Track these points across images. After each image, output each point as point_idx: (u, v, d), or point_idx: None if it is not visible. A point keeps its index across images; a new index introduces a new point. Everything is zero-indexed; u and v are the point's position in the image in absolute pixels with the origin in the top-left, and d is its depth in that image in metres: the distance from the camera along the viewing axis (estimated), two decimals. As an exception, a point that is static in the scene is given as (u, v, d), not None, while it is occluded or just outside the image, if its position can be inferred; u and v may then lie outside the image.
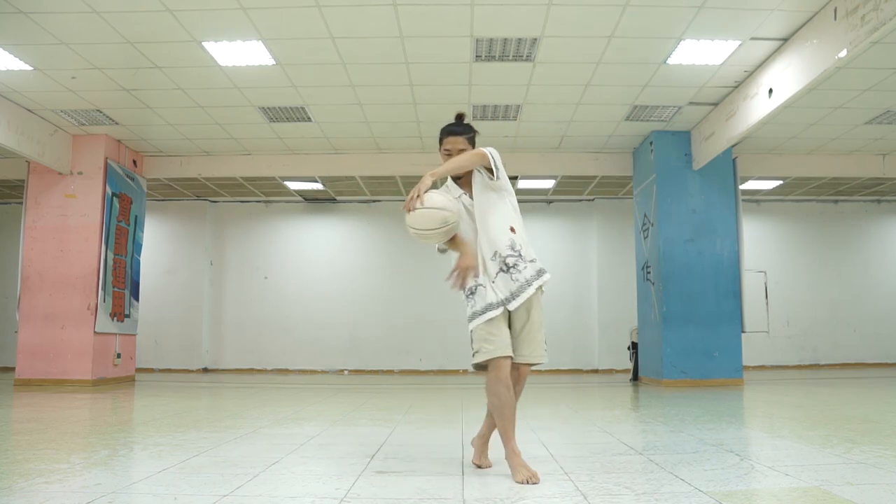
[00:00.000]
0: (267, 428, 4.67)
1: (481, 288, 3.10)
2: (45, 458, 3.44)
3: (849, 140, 9.23)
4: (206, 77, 7.21)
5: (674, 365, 8.68)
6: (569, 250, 12.77)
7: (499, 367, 3.01)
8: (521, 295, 3.09)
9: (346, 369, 12.50)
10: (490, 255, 3.11)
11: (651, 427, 4.74)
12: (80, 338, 8.80)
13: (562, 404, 6.43)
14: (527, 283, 3.10)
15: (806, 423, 4.74)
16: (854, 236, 12.98)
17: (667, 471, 3.05)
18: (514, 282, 3.08)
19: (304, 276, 12.81)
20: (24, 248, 9.07)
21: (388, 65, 6.93)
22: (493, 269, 3.10)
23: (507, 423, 3.02)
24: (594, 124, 8.82)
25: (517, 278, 3.09)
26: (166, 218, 12.75)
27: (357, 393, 8.05)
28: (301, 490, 2.75)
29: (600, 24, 6.09)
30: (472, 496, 2.61)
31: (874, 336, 12.69)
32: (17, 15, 5.82)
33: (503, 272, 3.09)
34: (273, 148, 9.80)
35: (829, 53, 5.62)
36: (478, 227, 3.14)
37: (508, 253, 3.11)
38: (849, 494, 2.54)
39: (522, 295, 3.09)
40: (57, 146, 8.88)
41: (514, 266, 3.10)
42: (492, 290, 3.08)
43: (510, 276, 3.09)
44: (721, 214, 8.99)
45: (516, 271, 3.09)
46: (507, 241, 3.12)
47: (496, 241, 3.12)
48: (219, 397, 7.75)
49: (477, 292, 3.11)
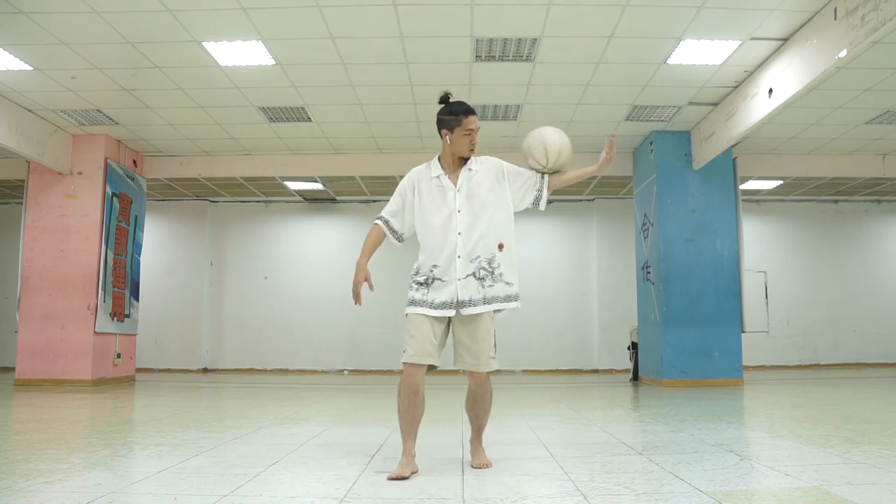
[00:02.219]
0: (267, 428, 4.67)
1: (437, 282, 3.09)
2: (45, 458, 3.44)
3: (849, 140, 9.23)
4: (206, 77, 7.20)
5: (674, 365, 8.68)
6: (569, 250, 12.77)
7: (408, 372, 3.05)
8: (477, 307, 3.07)
9: (346, 369, 12.50)
10: (469, 255, 3.09)
11: (651, 427, 4.74)
12: (80, 338, 8.80)
13: (562, 404, 6.43)
14: (487, 300, 3.07)
15: (806, 423, 4.74)
16: (854, 236, 12.98)
17: (667, 471, 3.05)
18: (477, 293, 3.07)
19: (304, 276, 12.80)
20: (24, 248, 9.07)
21: (388, 65, 6.93)
22: (465, 270, 3.08)
23: (403, 426, 3.07)
24: (594, 124, 8.82)
25: (481, 292, 3.07)
26: (166, 218, 12.74)
27: (357, 393, 8.05)
28: (301, 490, 2.75)
29: (600, 24, 6.08)
30: (472, 496, 2.61)
31: (874, 336, 12.68)
32: (17, 15, 5.82)
33: (474, 278, 3.08)
34: (273, 148, 9.80)
35: (829, 53, 5.62)
36: (464, 219, 3.11)
37: (484, 266, 3.09)
38: (849, 494, 2.54)
39: (478, 308, 3.07)
40: (57, 146, 8.88)
41: (483, 280, 3.08)
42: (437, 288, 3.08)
43: (477, 286, 3.07)
44: (721, 214, 8.98)
45: (481, 286, 3.08)
46: (490, 255, 3.10)
47: (479, 247, 3.09)
48: (219, 397, 7.75)
49: (430, 285, 3.10)
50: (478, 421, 3.25)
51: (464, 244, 3.09)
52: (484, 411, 3.23)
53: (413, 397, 3.05)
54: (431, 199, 3.18)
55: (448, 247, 3.10)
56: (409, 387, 3.04)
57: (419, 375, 3.04)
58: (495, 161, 3.30)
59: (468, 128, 3.14)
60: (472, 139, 3.16)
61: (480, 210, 3.14)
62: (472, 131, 3.15)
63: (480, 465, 3.18)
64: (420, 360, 3.03)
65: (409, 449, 3.06)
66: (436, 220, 3.14)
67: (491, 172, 3.23)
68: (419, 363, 3.03)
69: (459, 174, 3.19)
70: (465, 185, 3.17)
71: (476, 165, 3.23)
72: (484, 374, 3.13)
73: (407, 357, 3.05)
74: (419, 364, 3.03)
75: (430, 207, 3.17)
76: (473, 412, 3.24)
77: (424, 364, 3.04)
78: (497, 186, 3.20)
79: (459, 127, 3.14)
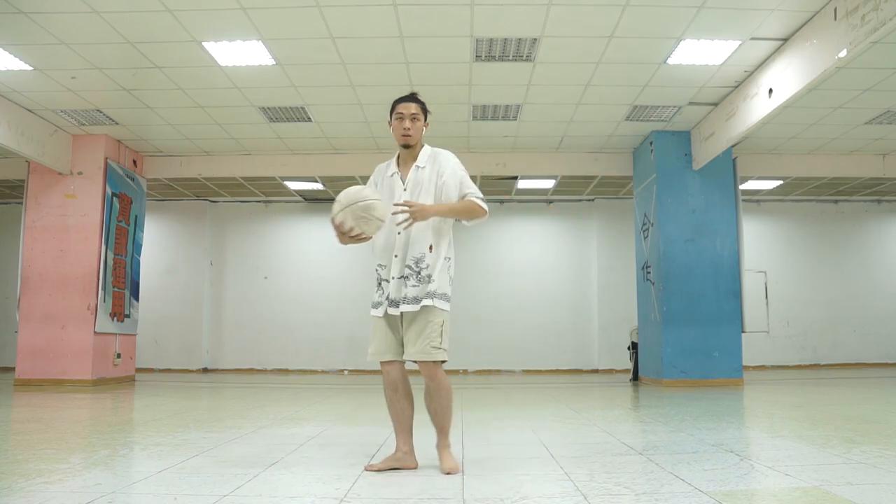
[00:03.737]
0: (267, 428, 4.67)
1: (384, 283, 3.14)
2: (45, 458, 3.44)
3: (849, 140, 9.23)
4: (206, 77, 7.20)
5: (674, 365, 8.68)
6: (569, 250, 12.77)
7: (384, 371, 3.16)
8: (402, 306, 3.07)
9: (346, 369, 12.49)
10: (403, 256, 3.09)
11: (651, 427, 4.74)
12: (80, 338, 8.80)
13: (562, 404, 6.43)
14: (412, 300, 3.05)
15: (806, 423, 4.74)
16: (854, 236, 12.98)
17: (667, 471, 3.05)
18: (401, 293, 3.07)
19: (304, 276, 12.80)
20: (24, 248, 9.07)
21: (388, 65, 6.93)
22: (398, 270, 3.08)
23: (392, 423, 3.18)
24: (594, 124, 8.82)
25: (404, 292, 3.06)
26: (166, 218, 12.74)
27: (357, 393, 8.05)
28: (301, 490, 2.75)
29: (600, 24, 6.08)
30: (472, 496, 2.61)
31: (874, 336, 12.68)
32: (17, 15, 5.82)
33: (401, 278, 3.08)
34: (273, 148, 9.80)
35: (829, 53, 5.62)
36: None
37: (410, 264, 3.07)
38: (849, 494, 2.54)
39: (403, 306, 3.07)
40: (57, 146, 8.88)
41: (406, 278, 3.08)
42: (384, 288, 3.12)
43: (401, 285, 3.08)
44: (721, 214, 8.98)
45: (404, 286, 3.07)
46: (418, 255, 3.08)
47: (414, 248, 3.07)
48: (219, 397, 7.75)
49: (379, 285, 3.17)
50: (437, 420, 3.14)
51: (401, 244, 3.09)
52: (441, 409, 3.11)
53: (393, 394, 3.16)
54: (384, 196, 3.14)
55: (389, 246, 3.13)
56: (387, 384, 3.17)
57: (394, 373, 3.15)
58: (445, 158, 3.20)
59: (398, 112, 3.14)
60: (402, 125, 3.12)
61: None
62: (403, 115, 3.12)
63: (448, 469, 3.02)
64: (379, 358, 3.15)
65: (399, 444, 3.12)
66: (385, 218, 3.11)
67: (435, 170, 3.16)
68: (380, 360, 3.15)
69: (409, 172, 3.17)
70: (411, 184, 3.15)
71: (425, 162, 3.18)
72: (431, 365, 3.07)
73: (369, 356, 3.19)
74: (385, 361, 3.14)
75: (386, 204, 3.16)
76: (430, 410, 3.14)
77: (388, 360, 3.13)
78: (437, 185, 3.13)
79: (393, 114, 3.17)
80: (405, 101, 3.16)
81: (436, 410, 3.14)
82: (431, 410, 3.15)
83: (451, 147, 3.77)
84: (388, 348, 3.12)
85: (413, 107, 3.15)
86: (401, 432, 3.14)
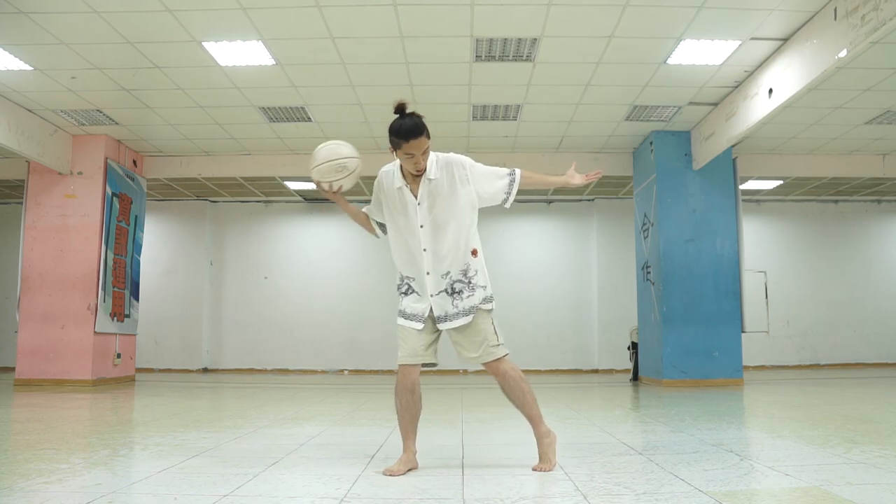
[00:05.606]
0: (267, 428, 4.67)
1: (414, 294, 3.11)
2: (45, 458, 3.44)
3: (849, 140, 9.23)
4: (206, 77, 7.20)
5: (674, 365, 8.68)
6: (569, 250, 12.77)
7: (403, 373, 3.11)
8: (455, 321, 3.06)
9: (346, 369, 12.50)
10: (439, 271, 3.05)
11: (651, 427, 4.74)
12: (80, 338, 8.80)
13: (562, 404, 6.42)
14: (465, 311, 3.05)
15: (806, 423, 4.74)
16: (854, 236, 12.98)
17: (667, 471, 3.05)
18: (453, 307, 3.05)
19: (304, 276, 12.81)
20: (24, 248, 9.07)
21: (388, 65, 6.93)
22: (436, 286, 3.05)
23: (403, 425, 3.14)
24: (594, 124, 8.82)
25: (458, 305, 3.05)
26: (166, 218, 12.74)
27: (357, 393, 8.05)
28: (301, 490, 2.75)
29: (600, 24, 6.08)
30: (472, 496, 2.60)
31: (874, 336, 12.69)
32: (17, 15, 5.82)
33: (447, 294, 3.05)
34: (273, 148, 9.80)
35: (829, 53, 5.62)
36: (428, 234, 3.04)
37: (459, 278, 3.05)
38: (849, 494, 2.54)
39: (456, 321, 3.06)
40: (57, 146, 8.88)
41: (460, 293, 3.05)
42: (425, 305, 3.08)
43: (451, 301, 3.05)
44: (721, 214, 8.98)
45: (459, 299, 3.05)
46: (463, 266, 3.06)
47: (451, 261, 3.05)
48: (219, 397, 7.75)
49: (409, 295, 3.13)
50: (525, 410, 3.13)
51: (430, 261, 3.05)
52: (523, 396, 3.10)
53: (409, 396, 3.11)
54: (395, 209, 3.11)
55: (416, 263, 3.09)
56: (405, 386, 3.11)
57: (414, 375, 3.11)
58: (458, 161, 3.10)
59: (408, 152, 2.94)
60: (415, 161, 2.97)
61: (444, 222, 3.04)
62: (414, 156, 2.95)
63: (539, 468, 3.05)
64: (412, 361, 3.10)
65: (409, 447, 3.11)
66: (400, 235, 3.11)
67: (450, 177, 3.07)
68: (412, 363, 3.10)
69: (420, 185, 3.06)
70: (426, 199, 3.05)
71: (435, 172, 3.06)
72: (495, 364, 3.11)
73: (400, 359, 3.12)
74: (413, 364, 3.10)
75: (390, 218, 3.15)
76: (515, 403, 3.15)
77: (418, 364, 3.10)
78: (458, 190, 3.07)
79: (400, 151, 2.96)
80: (414, 139, 2.91)
81: (520, 401, 3.12)
82: (517, 403, 3.14)
83: (451, 147, 3.78)
84: (423, 354, 3.09)
85: (423, 143, 2.95)
86: (410, 434, 3.14)
